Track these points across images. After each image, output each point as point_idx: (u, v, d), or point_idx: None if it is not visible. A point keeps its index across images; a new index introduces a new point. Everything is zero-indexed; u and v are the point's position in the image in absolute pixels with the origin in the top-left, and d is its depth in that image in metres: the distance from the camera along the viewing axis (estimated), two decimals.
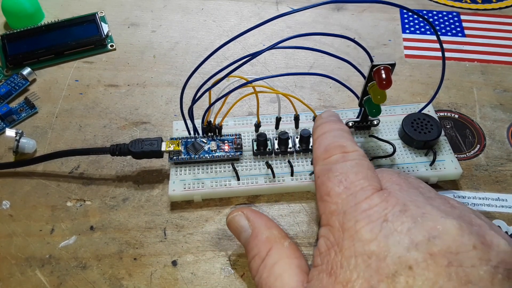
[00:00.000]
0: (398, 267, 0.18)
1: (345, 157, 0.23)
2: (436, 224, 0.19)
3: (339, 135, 0.25)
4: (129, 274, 0.28)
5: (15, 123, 0.36)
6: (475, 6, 0.46)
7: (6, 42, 0.40)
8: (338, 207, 0.21)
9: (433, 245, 0.18)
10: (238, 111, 0.37)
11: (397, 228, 0.19)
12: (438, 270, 0.18)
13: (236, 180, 0.31)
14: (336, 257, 0.20)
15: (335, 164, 0.23)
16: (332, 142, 0.24)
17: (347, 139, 0.25)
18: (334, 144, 0.24)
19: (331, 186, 0.22)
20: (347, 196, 0.21)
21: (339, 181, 0.22)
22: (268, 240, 0.25)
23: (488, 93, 0.38)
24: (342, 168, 0.23)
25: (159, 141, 0.31)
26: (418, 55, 0.41)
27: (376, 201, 0.21)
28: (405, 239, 0.19)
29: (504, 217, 0.30)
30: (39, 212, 0.31)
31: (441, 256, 0.18)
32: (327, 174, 0.23)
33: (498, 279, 0.18)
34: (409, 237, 0.19)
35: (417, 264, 0.18)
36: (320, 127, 0.26)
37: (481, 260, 0.18)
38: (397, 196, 0.21)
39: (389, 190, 0.22)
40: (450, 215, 0.20)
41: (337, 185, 0.22)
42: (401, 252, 0.18)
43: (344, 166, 0.23)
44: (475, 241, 0.18)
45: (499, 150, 0.34)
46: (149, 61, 0.41)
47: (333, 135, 0.25)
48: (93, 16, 0.43)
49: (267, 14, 0.46)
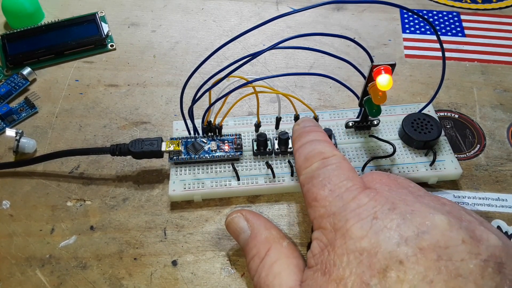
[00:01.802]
0: (389, 262, 0.18)
1: (325, 163, 0.24)
2: (425, 220, 0.19)
3: (316, 143, 0.26)
4: (129, 274, 0.28)
5: (15, 123, 0.36)
6: (475, 6, 0.46)
7: (6, 42, 0.40)
8: (327, 209, 0.22)
9: (422, 240, 0.19)
10: (238, 111, 0.37)
11: (386, 225, 0.20)
12: (428, 264, 0.18)
13: (236, 180, 0.31)
14: (329, 256, 0.20)
15: (316, 171, 0.24)
16: (311, 150, 0.25)
17: (325, 145, 0.26)
18: (312, 152, 0.25)
19: (316, 191, 0.23)
20: (334, 198, 0.22)
21: (323, 185, 0.23)
22: (267, 240, 0.25)
23: (488, 93, 0.38)
24: (324, 173, 0.24)
25: (159, 141, 0.31)
26: (418, 55, 0.41)
27: (364, 200, 0.21)
28: (395, 234, 0.19)
29: (504, 217, 0.30)
30: (39, 212, 0.31)
31: (431, 250, 0.18)
32: (311, 182, 0.24)
33: (488, 272, 0.18)
34: (399, 232, 0.19)
35: (407, 258, 0.18)
36: (298, 139, 0.27)
37: (471, 254, 0.18)
38: (386, 196, 0.21)
39: (377, 190, 0.22)
40: (439, 211, 0.20)
41: (322, 189, 0.23)
42: (392, 248, 0.19)
43: (325, 170, 0.24)
44: (464, 235, 0.19)
45: (499, 150, 0.34)
46: (149, 61, 0.41)
47: (310, 144, 0.26)
48: (93, 16, 0.43)
49: (267, 14, 0.46)
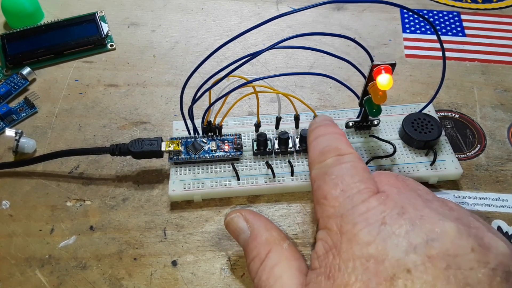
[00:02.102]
0: (397, 270, 0.18)
1: (340, 160, 0.23)
2: (434, 226, 0.19)
3: (333, 138, 0.25)
4: (129, 274, 0.28)
5: (14, 123, 0.36)
6: (475, 6, 0.46)
7: (6, 42, 0.40)
8: (336, 210, 0.21)
9: (431, 248, 0.18)
10: (238, 111, 0.37)
11: (395, 231, 0.19)
12: (437, 273, 0.18)
13: (236, 180, 0.31)
14: (334, 260, 0.20)
15: (330, 167, 0.23)
16: (327, 145, 0.25)
17: (342, 142, 0.25)
18: (328, 147, 0.24)
19: (328, 189, 0.22)
20: (344, 199, 0.22)
21: (335, 184, 0.22)
22: (268, 242, 0.25)
23: (488, 93, 0.38)
24: (338, 171, 0.23)
25: (159, 141, 0.31)
26: (419, 55, 0.41)
27: (373, 204, 0.21)
28: (403, 242, 0.19)
29: (505, 217, 0.30)
30: (39, 212, 0.31)
31: (439, 259, 0.18)
32: (323, 178, 0.23)
33: (497, 281, 0.18)
34: (407, 240, 0.19)
35: (415, 267, 0.18)
36: (315, 131, 0.27)
37: (479, 263, 0.18)
38: (395, 199, 0.21)
39: (386, 193, 0.22)
40: (448, 218, 0.20)
41: (333, 188, 0.22)
42: (400, 255, 0.18)
43: (339, 169, 0.23)
44: (473, 243, 0.18)
45: (499, 150, 0.34)
46: (149, 61, 0.41)
47: (327, 138, 0.25)
48: (92, 16, 0.43)
49: (267, 14, 0.45)
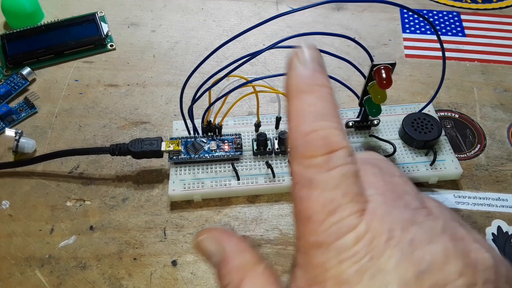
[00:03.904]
0: None
1: (330, 164, 0.19)
2: (424, 254, 0.18)
3: (321, 111, 0.20)
4: (129, 274, 0.28)
5: (14, 123, 0.36)
6: (475, 6, 0.46)
7: (6, 42, 0.40)
8: (319, 238, 0.18)
9: (422, 282, 0.18)
10: (238, 111, 0.37)
11: (384, 267, 0.18)
12: None
13: (236, 180, 0.31)
14: None
15: (318, 173, 0.19)
16: (313, 128, 0.19)
17: (332, 126, 0.19)
18: (316, 134, 0.19)
19: (313, 208, 0.19)
20: (331, 225, 0.18)
21: (322, 205, 0.18)
22: (240, 268, 0.22)
23: (488, 93, 0.38)
24: (327, 182, 0.19)
25: (159, 141, 0.31)
26: (419, 55, 0.41)
27: (361, 231, 0.18)
28: (394, 279, 0.17)
29: (505, 217, 0.30)
30: (39, 212, 0.31)
31: None
32: (307, 190, 0.19)
33: None
34: (398, 275, 0.18)
35: None
36: (293, 99, 0.20)
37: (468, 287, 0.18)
38: (382, 218, 0.19)
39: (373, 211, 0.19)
40: (436, 235, 0.18)
41: (320, 210, 0.18)
42: None
43: (329, 178, 0.19)
44: (461, 266, 0.18)
45: (499, 150, 0.34)
46: (149, 61, 0.41)
47: (314, 112, 0.20)
48: (92, 16, 0.43)
49: (267, 13, 0.45)
